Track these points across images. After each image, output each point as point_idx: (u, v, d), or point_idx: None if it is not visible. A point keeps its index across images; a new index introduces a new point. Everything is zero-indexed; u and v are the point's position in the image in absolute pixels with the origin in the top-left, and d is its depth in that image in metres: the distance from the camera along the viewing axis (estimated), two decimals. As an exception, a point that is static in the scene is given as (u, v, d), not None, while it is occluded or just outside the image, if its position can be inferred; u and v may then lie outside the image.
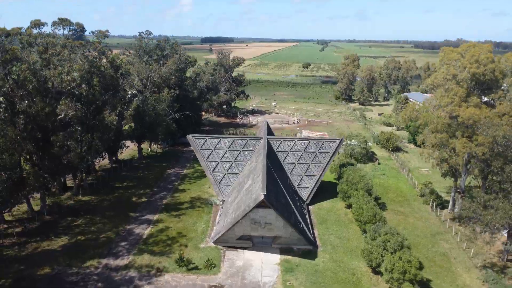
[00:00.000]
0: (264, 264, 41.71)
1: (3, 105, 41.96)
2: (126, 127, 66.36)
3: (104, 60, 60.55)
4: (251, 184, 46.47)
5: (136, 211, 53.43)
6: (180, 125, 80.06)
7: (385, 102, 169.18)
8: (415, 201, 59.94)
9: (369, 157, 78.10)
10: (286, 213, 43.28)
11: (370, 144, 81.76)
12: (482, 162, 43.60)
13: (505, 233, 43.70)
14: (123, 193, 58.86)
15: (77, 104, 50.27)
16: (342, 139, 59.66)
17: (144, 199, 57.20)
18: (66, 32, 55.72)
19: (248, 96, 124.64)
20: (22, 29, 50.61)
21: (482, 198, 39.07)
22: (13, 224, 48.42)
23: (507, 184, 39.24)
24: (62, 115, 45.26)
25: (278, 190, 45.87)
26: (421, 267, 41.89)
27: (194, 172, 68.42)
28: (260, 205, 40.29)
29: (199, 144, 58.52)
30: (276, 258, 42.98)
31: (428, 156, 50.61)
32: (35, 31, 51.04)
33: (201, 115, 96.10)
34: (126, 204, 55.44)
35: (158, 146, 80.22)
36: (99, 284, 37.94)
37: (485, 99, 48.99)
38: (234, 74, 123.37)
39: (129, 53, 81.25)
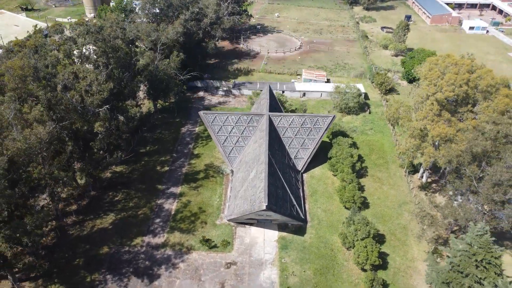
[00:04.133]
0: (266, 242, 55.81)
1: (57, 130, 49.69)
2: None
3: (119, 41, 64.96)
4: (255, 176, 57.52)
5: (162, 182, 65.71)
6: (188, 67, 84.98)
7: (391, 3, 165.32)
8: (393, 164, 71.39)
9: (361, 106, 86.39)
10: (283, 204, 55.45)
11: (363, 92, 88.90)
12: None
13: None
14: (148, 161, 70.32)
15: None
16: (334, 116, 67.95)
17: (166, 168, 68.95)
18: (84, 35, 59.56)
19: (250, 15, 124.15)
20: (43, 34, 55.07)
21: (434, 203, 50.74)
22: (68, 202, 61.32)
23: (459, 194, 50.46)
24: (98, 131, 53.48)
25: (277, 184, 57.17)
26: (383, 241, 56.32)
27: (204, 130, 78.10)
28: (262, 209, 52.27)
29: (210, 120, 67.40)
30: (275, 234, 56.87)
31: (403, 154, 60.31)
32: (56, 37, 55.45)
33: (206, 50, 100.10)
34: (152, 174, 67.42)
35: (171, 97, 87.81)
36: (147, 262, 52.62)
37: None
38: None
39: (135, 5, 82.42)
